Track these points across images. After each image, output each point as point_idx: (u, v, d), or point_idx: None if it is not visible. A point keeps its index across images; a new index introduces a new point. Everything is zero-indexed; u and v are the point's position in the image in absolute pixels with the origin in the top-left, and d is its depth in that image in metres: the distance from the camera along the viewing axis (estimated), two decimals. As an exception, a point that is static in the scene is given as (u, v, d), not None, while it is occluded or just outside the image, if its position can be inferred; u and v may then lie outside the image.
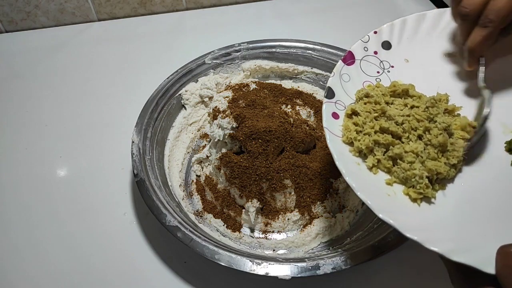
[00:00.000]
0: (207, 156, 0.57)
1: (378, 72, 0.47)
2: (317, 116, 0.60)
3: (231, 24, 0.87)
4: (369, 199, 0.34)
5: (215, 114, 0.56)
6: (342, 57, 0.45)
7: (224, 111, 0.54)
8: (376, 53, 0.47)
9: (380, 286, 0.47)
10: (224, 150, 0.53)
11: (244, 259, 0.42)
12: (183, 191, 0.56)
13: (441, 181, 0.38)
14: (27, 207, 0.56)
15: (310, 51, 0.66)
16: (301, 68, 0.67)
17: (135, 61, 0.79)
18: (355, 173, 0.37)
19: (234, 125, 0.51)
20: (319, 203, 0.52)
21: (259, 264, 0.41)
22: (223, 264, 0.42)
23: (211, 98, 0.63)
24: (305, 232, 0.51)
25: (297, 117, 0.57)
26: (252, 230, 0.53)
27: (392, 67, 0.47)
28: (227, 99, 0.57)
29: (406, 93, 0.43)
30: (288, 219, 0.51)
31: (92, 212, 0.55)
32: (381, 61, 0.47)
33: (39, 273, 0.49)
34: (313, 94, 0.64)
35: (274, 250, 0.51)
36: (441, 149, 0.39)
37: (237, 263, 0.42)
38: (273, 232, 0.52)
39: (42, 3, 0.84)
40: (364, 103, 0.43)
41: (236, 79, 0.66)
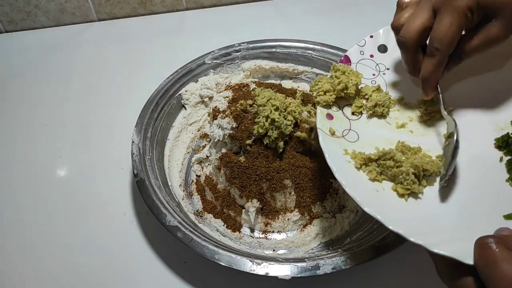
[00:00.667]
0: (207, 156, 0.57)
1: (373, 74, 0.47)
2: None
3: (231, 24, 0.87)
4: (357, 195, 0.35)
5: (215, 114, 0.56)
6: (338, 61, 0.46)
7: (224, 111, 0.54)
8: (372, 56, 0.48)
9: (380, 286, 0.47)
10: (224, 150, 0.53)
11: (244, 259, 0.42)
12: (183, 191, 0.56)
13: (428, 177, 0.39)
14: (27, 207, 0.56)
15: (310, 51, 0.66)
16: (301, 68, 0.67)
17: (135, 61, 0.79)
18: (346, 171, 0.38)
19: (234, 125, 0.51)
20: (319, 203, 0.52)
21: (259, 264, 0.41)
22: (223, 264, 0.42)
23: (211, 98, 0.63)
24: (305, 232, 0.51)
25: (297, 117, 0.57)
26: (252, 230, 0.53)
27: (387, 69, 0.48)
28: (227, 99, 0.57)
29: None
30: (288, 219, 0.51)
31: (92, 212, 0.55)
32: (377, 64, 0.48)
33: (39, 273, 0.49)
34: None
35: (274, 250, 0.51)
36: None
37: (237, 263, 0.42)
38: (273, 232, 0.52)
39: (42, 3, 0.84)
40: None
41: (236, 79, 0.66)
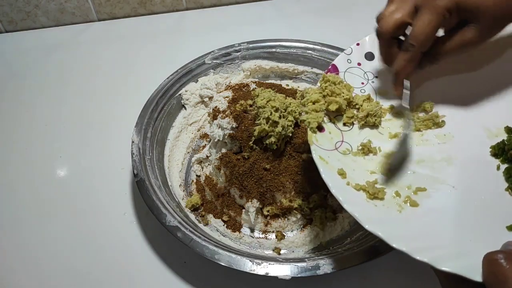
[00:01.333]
0: (207, 156, 0.57)
1: (362, 83, 0.47)
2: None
3: (231, 24, 0.87)
4: (356, 211, 0.34)
5: (215, 114, 0.56)
6: (325, 70, 0.46)
7: (224, 111, 0.54)
8: (359, 64, 0.47)
9: (380, 286, 0.47)
10: (224, 150, 0.53)
11: (244, 259, 0.42)
12: (183, 191, 0.56)
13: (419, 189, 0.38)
14: (27, 207, 0.56)
15: (310, 51, 0.66)
16: (301, 68, 0.67)
17: (135, 61, 0.79)
18: (342, 185, 0.37)
19: (234, 125, 0.51)
20: (319, 203, 0.52)
21: (259, 264, 0.41)
22: (223, 264, 0.42)
23: (211, 98, 0.63)
24: (305, 232, 0.51)
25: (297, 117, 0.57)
26: (252, 230, 0.53)
27: (376, 77, 0.47)
28: (227, 99, 0.56)
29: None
30: (288, 219, 0.51)
31: (92, 212, 0.55)
32: (365, 72, 0.47)
33: (39, 273, 0.49)
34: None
35: (274, 250, 0.51)
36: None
37: (237, 263, 0.42)
38: (273, 232, 0.52)
39: (42, 3, 0.84)
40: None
41: (236, 79, 0.66)
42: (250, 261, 0.42)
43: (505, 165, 0.39)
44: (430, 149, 0.42)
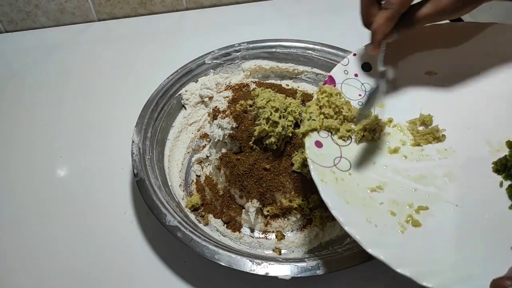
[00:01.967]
0: (207, 156, 0.57)
1: (359, 95, 0.46)
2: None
3: (231, 24, 0.87)
4: (358, 233, 0.33)
5: (215, 114, 0.56)
6: (322, 82, 0.45)
7: (224, 111, 0.54)
8: (356, 75, 0.46)
9: (380, 286, 0.47)
10: (224, 150, 0.53)
11: (244, 259, 0.42)
12: (183, 191, 0.56)
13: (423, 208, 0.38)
14: (27, 207, 0.56)
15: (310, 51, 0.66)
16: (301, 68, 0.67)
17: (135, 61, 0.79)
18: (342, 205, 0.36)
19: (234, 125, 0.51)
20: (319, 203, 0.52)
21: (259, 264, 0.41)
22: (223, 264, 0.42)
23: (211, 98, 0.63)
24: (305, 232, 0.51)
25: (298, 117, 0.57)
26: (252, 230, 0.53)
27: (373, 87, 0.46)
28: (227, 99, 0.56)
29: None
30: (288, 219, 0.51)
31: (92, 212, 0.55)
32: (362, 84, 0.46)
33: (39, 272, 0.49)
34: (313, 94, 0.64)
35: (274, 250, 0.51)
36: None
37: (237, 263, 0.42)
38: (273, 232, 0.52)
39: (42, 3, 0.84)
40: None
41: (236, 79, 0.66)
42: (250, 261, 0.42)
43: (508, 182, 0.38)
44: (431, 165, 0.42)
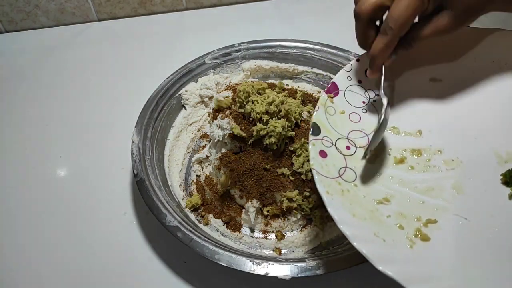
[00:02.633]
0: (207, 156, 0.57)
1: (363, 102, 0.45)
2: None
3: (231, 24, 0.87)
4: (366, 250, 0.33)
5: (215, 114, 0.56)
6: (325, 89, 0.44)
7: (224, 111, 0.54)
8: (360, 82, 0.45)
9: (380, 286, 0.47)
10: (224, 150, 0.53)
11: (244, 259, 0.42)
12: (183, 191, 0.56)
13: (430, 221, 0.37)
14: (27, 207, 0.56)
15: (310, 51, 0.66)
16: (301, 68, 0.67)
17: (135, 61, 0.79)
18: (349, 218, 0.35)
19: (233, 126, 0.51)
20: (319, 203, 0.52)
21: (259, 264, 0.41)
22: (223, 264, 0.42)
23: (211, 98, 0.63)
24: (305, 232, 0.51)
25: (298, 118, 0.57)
26: (252, 230, 0.53)
27: (377, 95, 0.45)
28: (227, 99, 0.57)
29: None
30: (288, 219, 0.51)
31: (92, 212, 0.55)
32: (366, 90, 0.45)
33: (39, 273, 0.49)
34: (313, 94, 0.64)
35: (274, 250, 0.51)
36: None
37: (237, 263, 0.42)
38: (273, 232, 0.52)
39: (42, 3, 0.84)
40: None
41: (236, 79, 0.66)
42: (250, 261, 0.42)
43: None
44: (438, 176, 0.41)
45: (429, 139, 0.43)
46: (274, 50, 0.67)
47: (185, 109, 0.63)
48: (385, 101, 0.41)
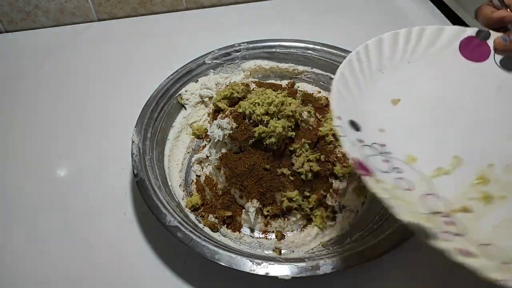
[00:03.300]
0: (207, 156, 0.57)
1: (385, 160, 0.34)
2: (317, 116, 0.60)
3: (231, 24, 0.87)
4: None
5: (215, 114, 0.56)
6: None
7: (224, 111, 0.54)
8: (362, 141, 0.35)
9: (380, 286, 0.47)
10: (224, 150, 0.53)
11: (244, 259, 0.42)
12: (183, 191, 0.56)
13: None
14: (27, 207, 0.56)
15: (310, 51, 0.66)
16: (301, 68, 0.67)
17: (135, 61, 0.79)
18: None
19: (233, 126, 0.51)
20: (319, 203, 0.52)
21: (259, 264, 0.41)
22: (223, 264, 0.42)
23: (211, 98, 0.63)
24: (305, 232, 0.51)
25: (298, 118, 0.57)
26: (252, 230, 0.53)
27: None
28: (225, 100, 0.57)
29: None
30: (288, 219, 0.51)
31: (92, 212, 0.55)
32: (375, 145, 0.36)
33: (39, 273, 0.49)
34: (313, 94, 0.64)
35: (274, 250, 0.51)
36: None
37: (237, 263, 0.42)
38: (273, 232, 0.52)
39: (42, 3, 0.84)
40: None
41: (236, 79, 0.66)
42: (250, 261, 0.42)
43: None
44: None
45: None
46: (274, 50, 0.67)
47: (185, 109, 0.63)
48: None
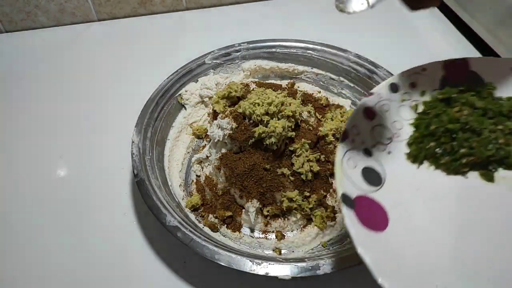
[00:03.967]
0: (207, 156, 0.57)
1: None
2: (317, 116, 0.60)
3: (231, 24, 0.87)
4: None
5: (215, 114, 0.56)
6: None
7: (224, 111, 0.54)
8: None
9: (380, 286, 0.47)
10: (224, 150, 0.53)
11: (244, 259, 0.42)
12: (183, 191, 0.56)
13: None
14: (27, 207, 0.56)
15: (310, 51, 0.66)
16: (301, 68, 0.67)
17: (135, 61, 0.79)
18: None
19: (233, 126, 0.51)
20: (319, 203, 0.52)
21: (259, 264, 0.41)
22: (223, 264, 0.42)
23: (211, 98, 0.63)
24: (305, 232, 0.51)
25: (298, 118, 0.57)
26: (252, 230, 0.53)
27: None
28: (223, 101, 0.57)
29: None
30: (288, 219, 0.51)
31: (92, 212, 0.55)
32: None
33: (39, 273, 0.49)
34: (313, 94, 0.64)
35: (274, 250, 0.51)
36: None
37: (237, 263, 0.42)
38: (273, 232, 0.52)
39: (42, 3, 0.84)
40: None
41: (236, 79, 0.66)
42: (250, 261, 0.42)
43: None
44: None
45: None
46: (274, 50, 0.67)
47: (185, 109, 0.63)
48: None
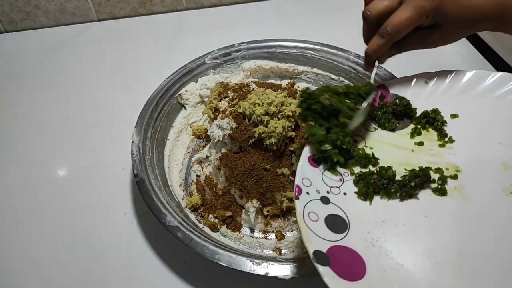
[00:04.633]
0: (207, 156, 0.57)
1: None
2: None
3: (231, 24, 0.87)
4: None
5: (215, 114, 0.56)
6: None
7: (224, 111, 0.54)
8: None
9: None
10: (224, 150, 0.53)
11: (244, 259, 0.42)
12: (183, 191, 0.56)
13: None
14: (27, 207, 0.56)
15: (310, 51, 0.66)
16: (301, 68, 0.67)
17: (135, 61, 0.79)
18: None
19: (233, 126, 0.51)
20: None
21: (259, 264, 0.41)
22: (223, 264, 0.42)
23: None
24: (305, 232, 0.51)
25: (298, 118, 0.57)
26: (252, 230, 0.53)
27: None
28: (227, 99, 0.57)
29: None
30: (288, 219, 0.51)
31: (92, 212, 0.55)
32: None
33: (39, 272, 0.49)
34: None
35: (274, 250, 0.51)
36: None
37: (237, 263, 0.42)
38: (273, 232, 0.52)
39: (42, 3, 0.84)
40: None
41: (236, 79, 0.66)
42: (250, 261, 0.42)
43: None
44: None
45: None
46: (274, 50, 0.67)
47: (185, 109, 0.63)
48: (372, 94, 0.44)
